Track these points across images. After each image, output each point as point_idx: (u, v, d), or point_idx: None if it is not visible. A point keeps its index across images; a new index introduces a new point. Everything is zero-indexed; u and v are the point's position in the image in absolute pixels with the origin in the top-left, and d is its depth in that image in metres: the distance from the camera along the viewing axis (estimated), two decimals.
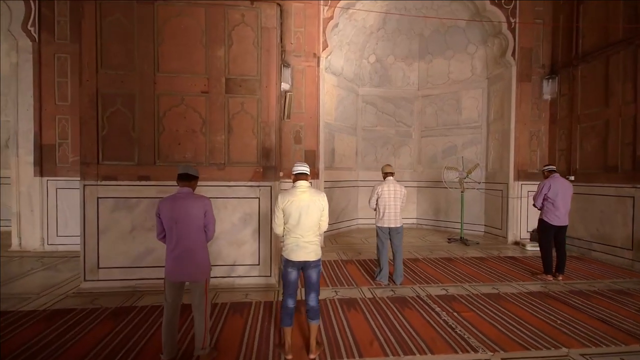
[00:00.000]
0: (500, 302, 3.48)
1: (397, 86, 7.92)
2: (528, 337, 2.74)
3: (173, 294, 2.32)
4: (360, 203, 7.83)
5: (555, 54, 6.20)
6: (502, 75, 6.51)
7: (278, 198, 2.43)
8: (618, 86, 5.00)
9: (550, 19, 6.23)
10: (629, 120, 4.85)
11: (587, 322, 3.02)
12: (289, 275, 2.46)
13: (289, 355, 2.38)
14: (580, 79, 5.68)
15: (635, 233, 4.71)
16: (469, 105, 7.25)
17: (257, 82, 3.87)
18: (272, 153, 3.92)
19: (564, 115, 6.01)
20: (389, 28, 7.37)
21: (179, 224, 2.25)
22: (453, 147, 7.47)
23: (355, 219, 7.90)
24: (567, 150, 5.93)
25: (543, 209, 4.29)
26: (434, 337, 2.71)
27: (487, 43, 6.79)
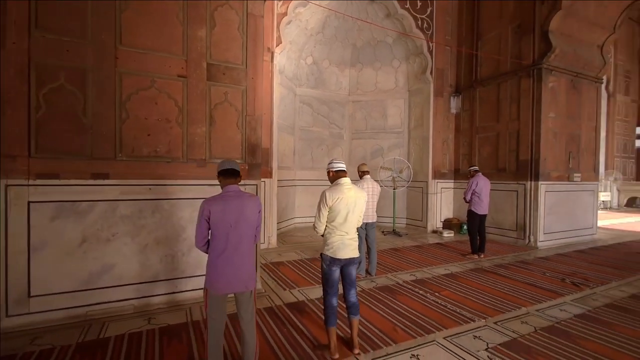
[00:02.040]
0: (458, 280, 4.19)
1: (330, 89, 8.33)
2: (496, 303, 3.44)
3: (221, 309, 1.99)
4: (297, 202, 7.91)
5: (459, 76, 7.70)
6: (422, 89, 7.67)
7: (325, 195, 2.37)
8: (506, 107, 6.61)
9: (455, 48, 7.70)
10: (513, 133, 6.47)
11: (521, 286, 3.96)
12: (334, 274, 2.43)
13: (335, 355, 2.36)
14: (478, 98, 7.23)
15: (518, 219, 6.34)
16: (393, 113, 8.25)
17: (242, 72, 3.55)
18: (259, 149, 3.67)
19: (466, 126, 7.54)
20: (327, 33, 7.71)
21: (235, 228, 1.94)
22: (380, 149, 8.35)
23: (293, 218, 7.93)
24: (469, 155, 7.46)
25: (471, 201, 5.33)
26: (438, 316, 3.10)
27: (409, 60, 7.88)
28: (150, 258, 3.16)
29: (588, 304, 3.46)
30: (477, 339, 2.68)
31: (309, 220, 7.95)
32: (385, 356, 2.42)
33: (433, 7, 7.38)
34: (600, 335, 2.75)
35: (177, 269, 3.29)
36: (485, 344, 2.60)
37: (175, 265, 3.27)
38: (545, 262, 5.07)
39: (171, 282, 3.26)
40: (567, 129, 6.51)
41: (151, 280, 3.17)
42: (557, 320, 3.05)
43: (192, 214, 3.31)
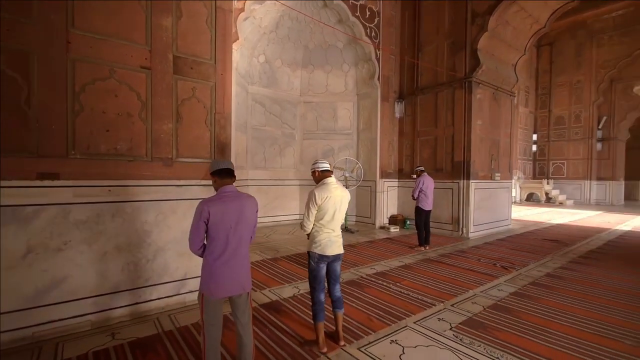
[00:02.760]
0: (413, 270, 4.61)
1: (282, 89, 8.32)
2: (449, 288, 3.89)
3: (219, 314, 1.94)
4: None
5: (403, 83, 8.36)
6: (370, 94, 8.15)
7: (315, 194, 2.44)
8: (443, 114, 7.41)
9: (399, 57, 8.34)
10: (449, 138, 7.29)
11: (464, 272, 4.53)
12: (322, 270, 2.52)
13: (324, 349, 2.45)
14: (419, 105, 7.96)
15: (453, 213, 7.18)
16: (343, 115, 8.59)
17: (211, 68, 3.41)
18: (228, 148, 3.56)
19: (409, 130, 8.23)
20: (280, 33, 7.69)
21: (235, 229, 1.90)
22: (331, 150, 8.63)
23: None
24: (411, 156, 8.16)
25: (418, 198, 5.87)
26: (404, 304, 3.40)
27: (358, 66, 8.30)
28: (110, 267, 2.85)
29: (517, 283, 4.12)
30: (441, 320, 3.02)
31: (264, 220, 7.85)
32: (368, 345, 2.59)
33: (380, 18, 7.89)
34: (531, 308, 3.33)
35: (141, 277, 3.02)
36: (449, 324, 2.95)
37: (139, 274, 3.00)
38: (478, 250, 5.85)
39: (134, 292, 2.98)
40: (490, 135, 7.57)
41: (111, 291, 2.86)
42: (498, 298, 3.59)
43: (157, 217, 3.08)
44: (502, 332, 2.81)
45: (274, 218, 8.14)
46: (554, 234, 7.62)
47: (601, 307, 3.37)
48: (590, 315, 3.17)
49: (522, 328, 2.88)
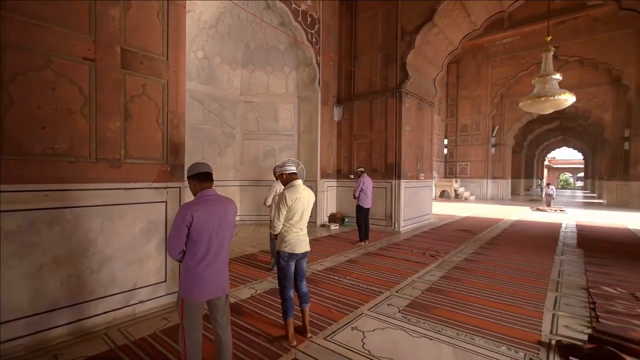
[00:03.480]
0: (358, 264, 5.01)
1: (222, 87, 8.06)
2: (391, 277, 4.37)
3: (199, 318, 1.94)
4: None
5: (341, 89, 8.84)
6: (311, 97, 8.43)
7: (286, 196, 2.56)
8: (377, 119, 8.10)
9: (337, 63, 8.80)
10: (383, 141, 8.00)
11: (401, 262, 5.11)
12: (291, 268, 2.65)
13: (294, 342, 2.59)
14: (356, 110, 8.54)
15: (387, 210, 7.91)
16: (284, 116, 8.70)
17: (163, 64, 3.23)
18: (182, 149, 3.41)
19: (347, 133, 8.76)
20: (220, 29, 7.44)
21: (217, 233, 1.91)
22: (272, 150, 8.67)
23: None
24: (349, 157, 8.70)
25: (359, 197, 6.35)
26: (356, 294, 3.73)
27: (299, 69, 8.50)
28: (47, 282, 2.52)
29: (443, 268, 4.82)
30: (390, 305, 3.42)
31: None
32: (332, 334, 2.81)
33: (320, 25, 8.23)
34: (457, 288, 3.97)
35: (85, 291, 2.73)
36: (397, 308, 3.35)
37: (82, 287, 2.71)
38: (409, 242, 6.59)
39: (77, 308, 2.68)
40: (416, 140, 8.54)
41: (49, 309, 2.53)
42: (431, 282, 4.17)
43: (104, 223, 2.82)
44: (439, 309, 3.31)
45: None
46: (465, 225, 8.96)
47: (505, 282, 4.19)
48: (499, 289, 3.92)
49: (452, 304, 3.44)
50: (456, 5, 7.35)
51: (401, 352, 2.51)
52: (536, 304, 3.49)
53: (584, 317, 3.17)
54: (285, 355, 2.45)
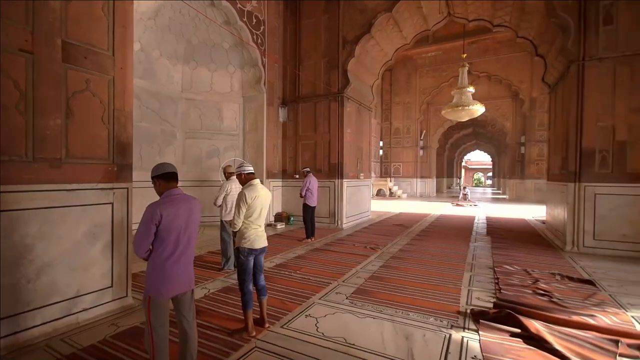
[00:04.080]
0: (306, 259, 5.30)
1: (161, 83, 7.65)
2: (338, 269, 4.75)
3: (166, 314, 2.00)
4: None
5: (286, 90, 9.04)
6: (256, 97, 8.47)
7: (245, 194, 2.71)
8: (321, 122, 8.50)
9: (281, 66, 8.99)
10: (326, 143, 8.43)
11: (346, 256, 5.54)
12: (250, 263, 2.81)
13: (253, 333, 2.76)
14: (301, 112, 8.83)
15: (330, 207, 8.36)
16: (229, 115, 8.59)
17: (109, 60, 3.09)
18: (129, 148, 3.30)
19: (292, 134, 9.00)
20: (160, 22, 7.07)
21: (185, 230, 2.00)
22: (216, 150, 8.49)
23: None
24: (294, 158, 8.96)
25: (305, 196, 6.65)
26: (307, 286, 4.01)
27: (244, 69, 8.48)
28: None
29: (383, 258, 5.37)
30: (338, 294, 3.76)
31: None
32: (288, 322, 3.04)
33: (265, 27, 8.33)
34: (394, 275, 4.50)
35: (20, 302, 2.52)
36: (344, 295, 3.71)
37: (17, 298, 2.50)
38: (351, 237, 7.11)
39: (11, 321, 2.47)
40: (356, 142, 9.16)
41: None
42: (373, 271, 4.65)
43: (42, 227, 2.64)
44: (380, 293, 3.76)
45: None
46: (399, 220, 9.89)
47: (432, 267, 4.87)
48: (427, 273, 4.56)
49: (391, 288, 3.93)
50: (390, 21, 8.10)
51: (350, 331, 2.85)
52: (455, 282, 4.17)
53: (491, 290, 3.91)
54: (246, 345, 2.61)
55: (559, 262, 5.17)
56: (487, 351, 2.52)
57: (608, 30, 5.63)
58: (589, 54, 5.72)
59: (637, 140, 5.51)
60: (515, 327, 2.85)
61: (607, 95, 5.65)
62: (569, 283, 4.16)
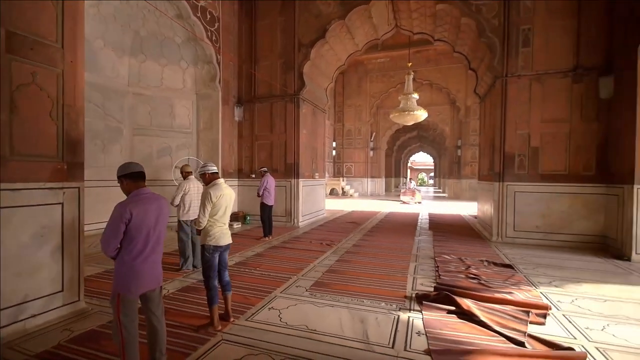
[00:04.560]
0: (265, 257, 5.42)
1: (105, 75, 7.14)
2: (297, 265, 4.96)
3: (135, 311, 2.05)
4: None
5: (241, 90, 8.98)
6: (211, 95, 8.30)
7: (210, 193, 2.79)
8: (277, 122, 8.62)
9: (237, 64, 8.91)
10: (282, 143, 8.58)
11: (303, 252, 5.77)
12: (215, 260, 2.89)
13: (219, 327, 2.85)
14: (257, 112, 8.85)
15: (287, 206, 8.52)
16: (181, 112, 8.29)
17: (58, 52, 2.94)
18: (81, 146, 3.15)
19: (248, 133, 8.97)
20: (104, 10, 6.61)
21: (154, 229, 2.05)
22: (168, 148, 8.14)
23: None
24: (250, 157, 8.95)
25: (262, 195, 6.74)
26: (268, 282, 4.16)
27: (197, 65, 8.25)
28: None
29: (338, 253, 5.70)
30: (298, 287, 3.98)
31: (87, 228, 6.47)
32: (252, 315, 3.18)
33: (220, 24, 8.20)
34: (349, 267, 4.84)
35: None
36: (304, 288, 3.93)
37: None
38: (308, 235, 7.36)
39: None
40: (311, 142, 9.44)
41: None
42: (329, 265, 4.94)
43: None
44: (337, 285, 4.05)
45: (100, 225, 6.87)
46: (352, 218, 10.40)
47: (382, 259, 5.31)
48: (378, 264, 4.98)
49: (346, 280, 4.25)
50: (343, 28, 8.50)
51: (311, 319, 3.08)
52: (403, 271, 4.64)
53: (432, 277, 4.43)
54: (213, 339, 2.70)
55: (486, 251, 5.97)
56: (428, 327, 2.93)
57: (526, 51, 6.62)
58: (510, 71, 6.66)
59: (547, 146, 6.56)
60: (451, 306, 3.32)
61: (524, 108, 6.64)
62: (493, 267, 4.87)
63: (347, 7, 7.89)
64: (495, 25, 6.74)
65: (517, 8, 6.59)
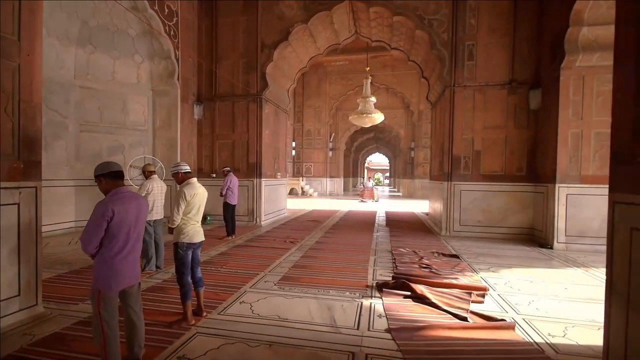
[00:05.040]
0: (230, 255, 5.47)
1: (48, 66, 6.57)
2: (263, 262, 5.09)
3: (115, 306, 2.09)
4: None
5: (201, 88, 8.80)
6: (169, 92, 8.03)
7: (184, 192, 2.86)
8: (239, 122, 8.60)
9: (196, 61, 8.72)
10: (244, 143, 8.58)
11: (268, 250, 5.90)
12: (189, 257, 2.96)
13: (192, 322, 2.93)
14: (218, 110, 8.74)
15: (249, 206, 8.54)
16: (135, 109, 7.91)
17: (14, 45, 2.79)
18: (38, 143, 3.01)
19: (208, 132, 8.82)
20: None
21: (135, 226, 2.11)
22: (120, 146, 7.73)
23: None
24: (210, 156, 8.81)
25: (226, 195, 6.73)
26: (236, 279, 4.25)
27: (154, 60, 7.93)
28: None
29: (302, 250, 5.92)
30: (267, 282, 4.13)
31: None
32: (224, 309, 3.28)
33: (179, 19, 7.97)
34: (313, 262, 5.08)
35: None
36: (272, 283, 4.10)
37: None
38: (271, 233, 7.48)
39: None
40: (274, 142, 9.54)
41: None
42: (295, 261, 5.13)
43: None
44: (303, 278, 4.27)
45: (44, 227, 6.33)
46: (313, 216, 10.68)
47: (345, 254, 5.64)
48: (341, 259, 5.29)
49: (312, 273, 4.49)
50: (306, 32, 8.73)
51: (282, 310, 3.27)
52: (364, 264, 5.00)
53: (390, 268, 4.84)
54: (187, 333, 2.77)
55: (436, 244, 6.59)
56: (388, 310, 3.27)
57: (470, 65, 7.39)
58: (457, 81, 7.40)
59: (487, 150, 7.40)
60: (407, 292, 3.72)
61: (469, 115, 7.41)
62: (442, 258, 5.43)
63: (310, 12, 8.14)
64: (445, 39, 7.43)
65: (463, 25, 7.34)
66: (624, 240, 1.93)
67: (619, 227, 2.00)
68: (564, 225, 6.21)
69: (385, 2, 7.67)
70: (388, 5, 7.67)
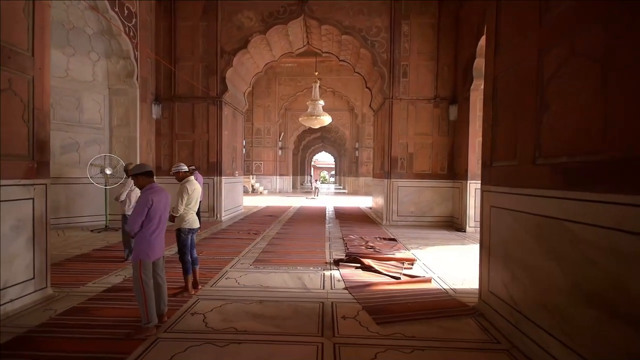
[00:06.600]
0: (201, 246, 6.02)
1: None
2: (234, 249, 5.80)
3: (151, 271, 2.75)
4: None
5: (159, 88, 8.98)
6: (127, 91, 8.13)
7: (187, 187, 3.54)
8: (200, 122, 9.00)
9: (154, 62, 8.88)
10: (205, 142, 9.01)
11: (235, 240, 6.61)
12: (188, 240, 3.65)
13: (192, 292, 3.63)
14: (177, 111, 9.02)
15: (209, 202, 9.01)
16: (91, 107, 7.87)
17: (29, 60, 3.19)
18: (48, 146, 3.42)
19: (167, 131, 9.05)
20: None
21: (164, 212, 2.79)
22: (74, 144, 7.65)
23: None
24: (170, 155, 9.05)
25: None
26: (216, 262, 4.94)
27: (111, 59, 7.96)
28: None
29: (266, 239, 6.72)
30: (243, 263, 4.90)
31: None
32: (214, 283, 4.01)
33: (137, 19, 8.11)
34: (279, 248, 5.96)
35: None
36: (248, 264, 4.88)
37: None
38: (233, 227, 8.11)
39: None
40: (232, 142, 10.08)
41: None
42: (262, 248, 5.94)
43: None
44: (274, 260, 5.12)
45: None
46: (269, 212, 11.43)
47: (304, 240, 6.60)
48: (302, 244, 6.25)
49: (281, 256, 5.37)
50: (263, 41, 9.45)
51: (262, 281, 4.11)
52: (321, 248, 6.02)
53: (342, 250, 5.93)
54: (190, 300, 3.48)
55: (378, 231, 7.91)
56: (344, 276, 4.32)
57: (404, 81, 8.86)
58: (394, 95, 8.82)
59: (418, 152, 8.96)
60: (357, 264, 4.82)
61: (404, 123, 8.89)
62: (383, 241, 6.71)
63: (268, 25, 8.88)
64: (385, 58, 8.79)
65: (399, 48, 8.77)
66: (487, 214, 3.21)
67: (485, 206, 3.28)
68: (473, 213, 7.95)
69: (335, 23, 8.78)
70: (337, 25, 8.78)
